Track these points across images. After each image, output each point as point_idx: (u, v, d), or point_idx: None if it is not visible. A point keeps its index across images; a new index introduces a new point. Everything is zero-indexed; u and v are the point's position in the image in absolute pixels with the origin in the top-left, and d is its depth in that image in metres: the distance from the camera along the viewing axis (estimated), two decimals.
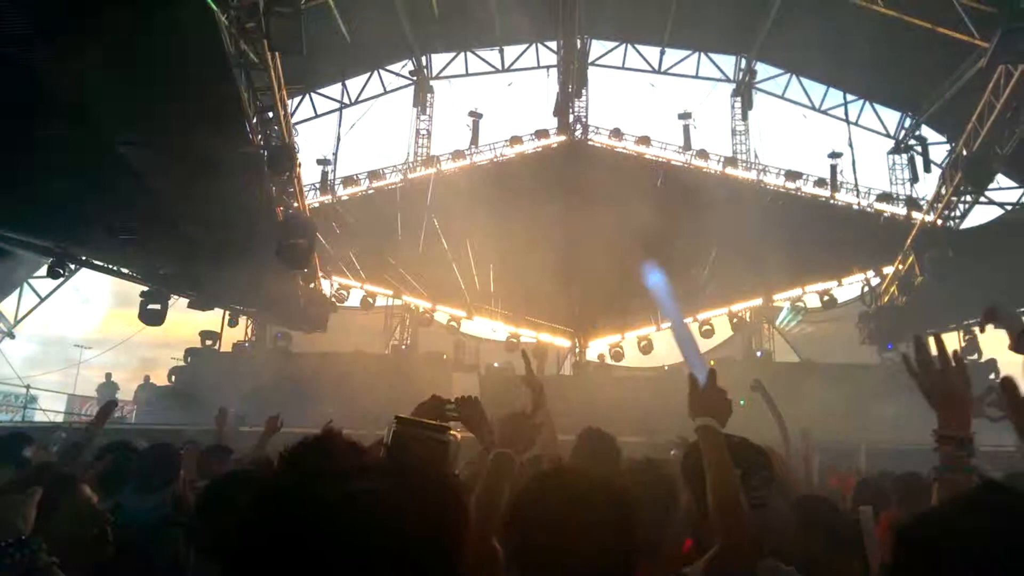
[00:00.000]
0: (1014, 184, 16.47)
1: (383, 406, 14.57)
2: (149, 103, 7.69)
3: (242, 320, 19.16)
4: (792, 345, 22.28)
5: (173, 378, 17.61)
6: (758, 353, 21.19)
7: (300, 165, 11.14)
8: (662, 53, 21.13)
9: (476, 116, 20.92)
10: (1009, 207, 16.26)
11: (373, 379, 15.83)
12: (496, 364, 19.07)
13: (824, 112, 20.61)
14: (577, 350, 22.81)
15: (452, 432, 2.01)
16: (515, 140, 20.31)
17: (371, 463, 1.01)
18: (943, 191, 12.57)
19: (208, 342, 18.74)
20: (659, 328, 21.84)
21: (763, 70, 20.84)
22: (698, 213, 18.58)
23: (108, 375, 18.77)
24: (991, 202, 15.75)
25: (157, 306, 13.32)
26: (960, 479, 1.66)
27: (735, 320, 21.39)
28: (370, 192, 20.07)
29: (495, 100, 21.82)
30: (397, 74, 21.61)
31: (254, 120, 9.32)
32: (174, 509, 3.11)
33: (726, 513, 1.85)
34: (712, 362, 20.04)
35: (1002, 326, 2.60)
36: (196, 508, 2.06)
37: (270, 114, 9.96)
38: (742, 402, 11.69)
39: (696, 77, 21.31)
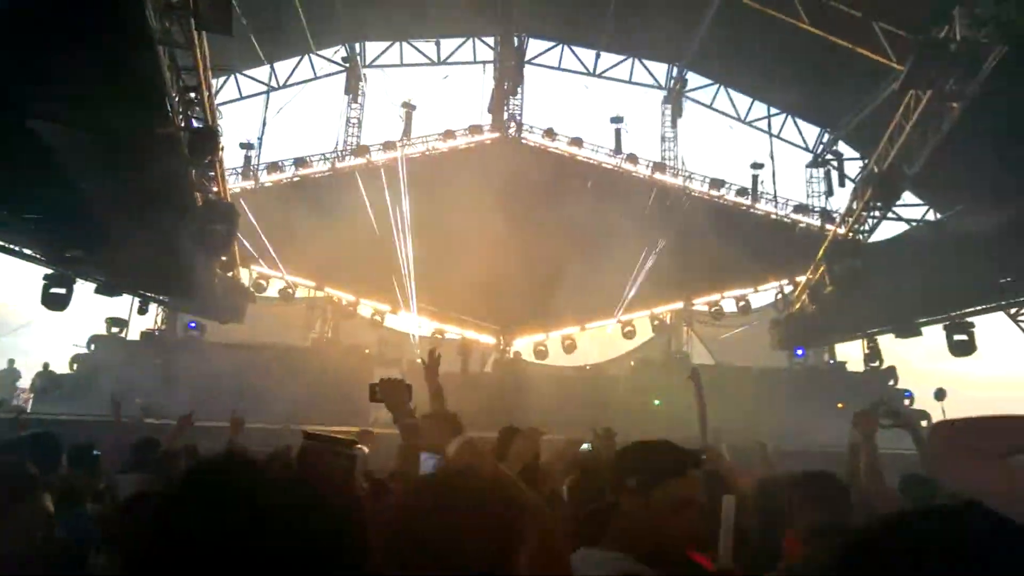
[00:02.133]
0: (920, 202, 17.53)
1: (302, 400, 14.31)
2: (62, 75, 7.18)
3: (152, 307, 18.25)
4: (708, 348, 23.01)
5: (75, 366, 16.63)
6: (677, 355, 21.77)
7: (223, 149, 10.68)
8: (597, 56, 21.39)
9: (410, 108, 20.64)
10: (914, 223, 17.31)
11: (292, 372, 15.42)
12: (418, 360, 18.88)
13: (749, 124, 21.37)
14: (502, 347, 22.88)
15: (359, 446, 2.03)
16: (448, 134, 20.14)
17: (274, 481, 1.02)
18: (854, 205, 13.22)
19: (115, 329, 17.77)
20: (583, 328, 22.18)
21: (694, 79, 21.41)
22: (625, 216, 18.95)
23: (11, 361, 17.54)
24: (899, 218, 16.73)
25: (61, 290, 12.49)
26: None
27: (656, 322, 21.93)
28: (295, 180, 19.49)
29: (430, 93, 21.58)
30: (329, 60, 21.06)
31: (176, 100, 8.85)
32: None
33: None
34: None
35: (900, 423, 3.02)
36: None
37: (193, 95, 9.49)
38: (657, 402, 11.98)
39: (629, 82, 21.69)
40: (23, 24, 6.40)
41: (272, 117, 19.82)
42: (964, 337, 14.61)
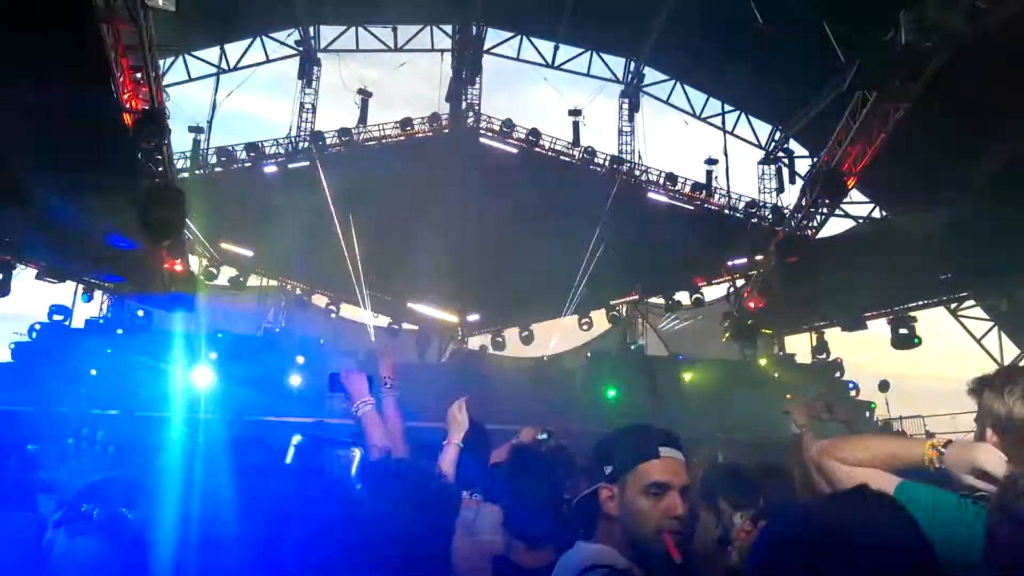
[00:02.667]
0: (866, 199, 18.05)
1: (253, 391, 14.03)
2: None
3: (98, 295, 17.65)
4: (663, 340, 23.36)
5: (14, 356, 15.96)
6: (631, 346, 22.05)
7: (169, 131, 10.32)
8: (556, 48, 21.38)
9: (366, 95, 20.31)
10: (861, 219, 17.82)
11: (242, 362, 15.10)
12: (374, 350, 18.71)
13: (704, 120, 21.64)
14: (459, 338, 22.85)
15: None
16: (406, 122, 19.89)
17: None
18: (803, 202, 13.54)
19: (58, 317, 17.12)
20: (540, 319, 22.29)
21: (651, 75, 21.59)
22: (583, 208, 19.08)
23: None
24: (846, 215, 17.19)
25: (1, 275, 11.99)
26: None
27: (612, 314, 22.16)
28: (247, 165, 19.01)
29: (386, 80, 21.26)
30: (282, 43, 20.56)
31: (120, 79, 8.51)
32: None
33: None
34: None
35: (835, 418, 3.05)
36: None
37: (139, 75, 9.14)
38: (612, 392, 12.10)
39: (587, 75, 21.74)
40: None
41: (222, 100, 19.24)
42: (906, 331, 15.14)
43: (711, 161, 20.62)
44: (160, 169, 9.86)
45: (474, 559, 2.33)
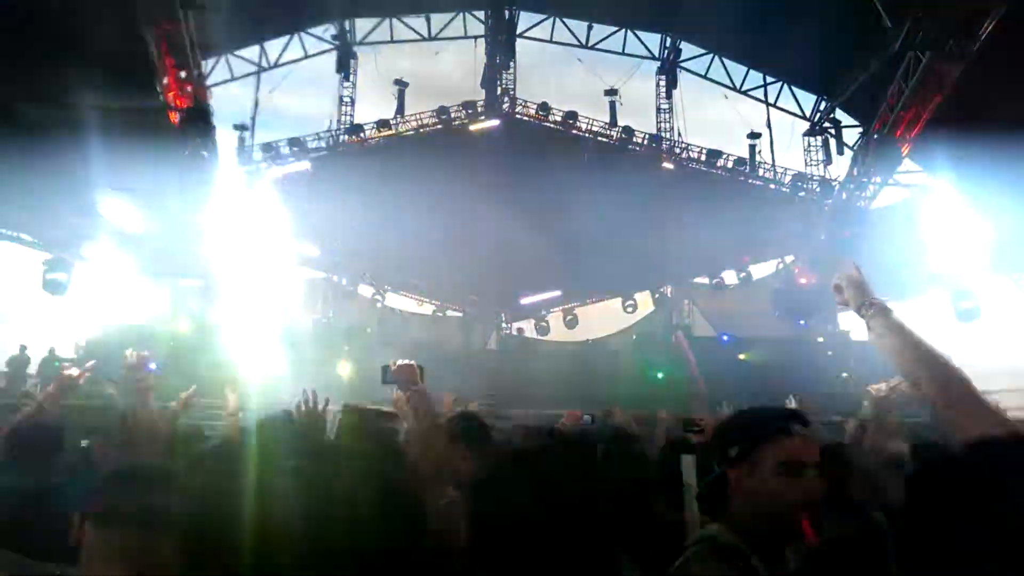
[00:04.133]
0: (919, 168, 17.40)
1: (304, 381, 14.33)
2: (54, 64, 7.07)
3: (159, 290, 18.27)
4: (709, 320, 23.06)
5: (80, 351, 16.63)
6: (677, 327, 21.81)
7: (215, 128, 10.54)
8: (589, 28, 21.12)
9: (402, 85, 20.41)
10: (914, 188, 17.19)
11: (294, 353, 15.40)
12: (422, 338, 18.94)
13: (744, 93, 21.15)
14: (503, 324, 22.93)
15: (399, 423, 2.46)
16: (442, 111, 19.93)
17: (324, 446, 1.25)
18: (855, 171, 13.13)
19: (123, 312, 17.74)
20: (583, 304, 22.21)
21: (687, 49, 21.15)
22: (623, 190, 18.84)
23: (23, 347, 17.26)
24: (898, 184, 16.60)
25: (61, 275, 12.43)
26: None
27: (656, 296, 21.96)
28: (291, 160, 19.32)
29: (422, 70, 21.34)
30: (319, 38, 20.79)
31: (165, 79, 8.73)
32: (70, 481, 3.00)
33: None
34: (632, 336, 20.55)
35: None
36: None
37: (183, 74, 9.36)
38: (660, 375, 11.99)
39: (623, 54, 21.43)
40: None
41: (264, 97, 19.60)
42: (968, 303, 14.59)
43: (754, 135, 20.17)
44: (207, 165, 10.08)
45: None
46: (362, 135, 19.43)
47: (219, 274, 14.86)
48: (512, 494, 1.66)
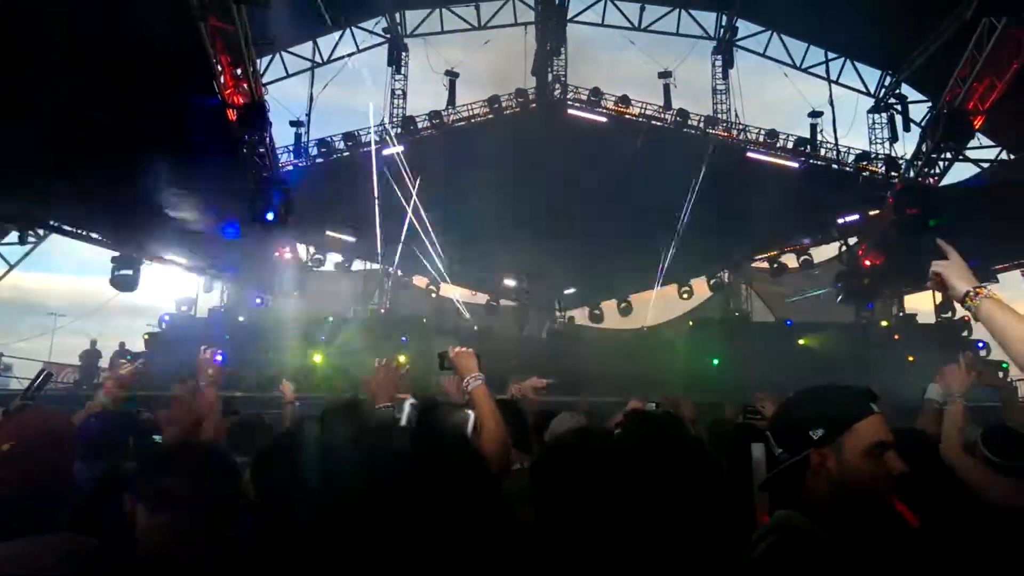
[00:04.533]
0: (991, 143, 16.50)
1: (360, 370, 14.60)
2: (116, 67, 7.33)
3: (218, 285, 18.89)
4: (768, 305, 22.47)
5: (148, 344, 17.33)
6: (736, 313, 21.35)
7: (271, 124, 10.79)
8: (642, 9, 20.74)
9: (453, 76, 20.45)
10: (986, 164, 16.32)
11: (351, 342, 15.72)
12: (476, 327, 19.04)
13: (805, 70, 20.43)
14: (557, 312, 22.83)
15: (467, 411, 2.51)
16: (493, 100, 19.89)
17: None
18: (924, 148, 12.51)
19: (184, 308, 18.46)
20: (638, 291, 21.91)
21: (744, 27, 20.54)
22: (678, 174, 18.47)
23: (93, 341, 18.08)
24: (968, 160, 15.79)
25: (129, 271, 13.00)
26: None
27: (713, 282, 21.50)
28: (346, 155, 19.63)
29: (472, 59, 21.31)
30: (370, 31, 21.02)
31: (221, 76, 8.95)
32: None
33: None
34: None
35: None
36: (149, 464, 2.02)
37: (239, 71, 9.58)
38: (715, 362, 11.81)
39: (676, 34, 20.97)
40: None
41: (318, 93, 19.95)
42: None
43: (815, 114, 19.49)
44: (265, 161, 10.34)
45: None
46: (414, 127, 19.58)
47: (279, 267, 15.30)
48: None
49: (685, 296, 21.56)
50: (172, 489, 1.74)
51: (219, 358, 3.91)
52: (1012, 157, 16.12)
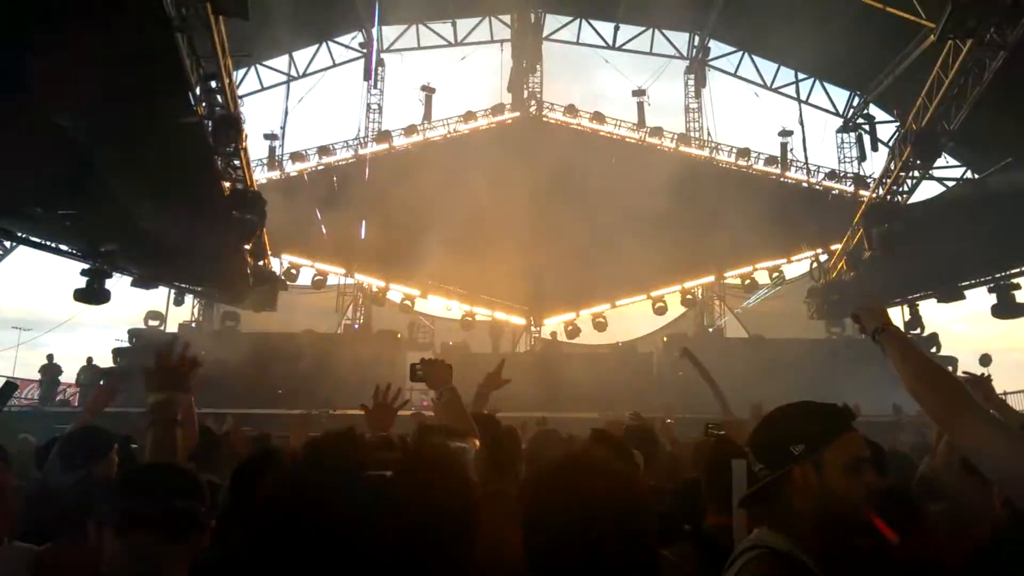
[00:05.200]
0: (957, 163, 16.97)
1: (334, 385, 14.40)
2: (84, 69, 7.18)
3: (188, 299, 18.55)
4: (741, 321, 22.70)
5: (118, 359, 16.92)
6: (709, 329, 21.53)
7: (246, 137, 10.67)
8: (616, 29, 21.02)
9: (429, 91, 20.50)
10: (951, 183, 16.76)
11: (324, 359, 15.51)
12: (451, 343, 18.91)
13: (775, 90, 20.86)
14: (532, 328, 22.82)
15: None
16: (469, 116, 19.98)
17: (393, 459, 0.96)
18: (892, 166, 12.80)
19: (153, 322, 18.08)
20: (613, 306, 21.98)
21: (716, 47, 20.96)
22: (651, 190, 18.66)
23: (50, 356, 17.67)
24: (936, 179, 16.21)
25: (96, 284, 12.68)
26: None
27: (687, 297, 21.67)
28: (320, 168, 19.51)
29: (448, 75, 21.40)
30: (347, 46, 21.01)
31: (197, 89, 8.84)
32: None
33: None
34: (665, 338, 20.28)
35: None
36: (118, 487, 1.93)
37: (213, 83, 9.48)
38: (680, 373, 11.73)
39: (650, 54, 21.30)
40: (38, 15, 6.44)
41: (293, 107, 19.85)
42: (1010, 298, 14.19)
43: (785, 133, 19.90)
44: (239, 173, 10.21)
45: None
46: (390, 141, 19.56)
47: (251, 281, 15.06)
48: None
49: (659, 312, 21.68)
50: (137, 508, 1.65)
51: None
52: (976, 176, 16.60)
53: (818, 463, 1.71)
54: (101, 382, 15.08)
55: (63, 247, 11.97)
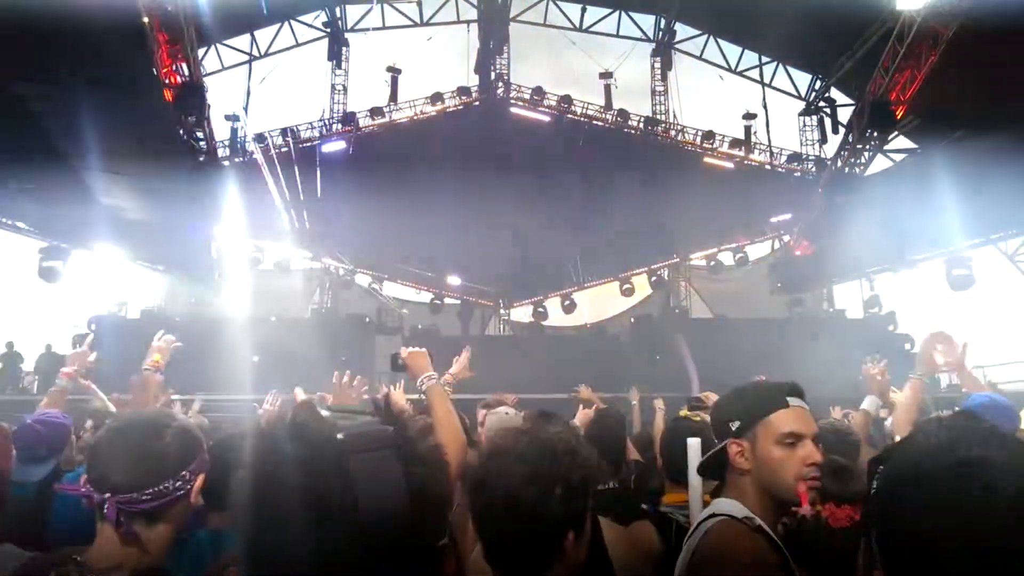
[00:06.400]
0: (914, 145, 17.36)
1: (304, 370, 14.28)
2: (44, 38, 6.95)
3: (153, 283, 18.20)
4: (707, 302, 23.06)
5: (77, 346, 16.49)
6: (675, 310, 21.83)
7: (210, 107, 10.38)
8: (583, 11, 20.99)
9: (395, 72, 20.23)
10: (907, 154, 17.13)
11: (293, 343, 15.36)
12: (420, 326, 18.87)
13: (740, 73, 21.06)
14: (501, 311, 22.92)
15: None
16: (436, 97, 19.80)
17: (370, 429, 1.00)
18: (850, 138, 13.08)
19: (114, 309, 17.68)
20: (580, 288, 22.16)
21: (682, 31, 21.03)
22: (619, 173, 18.81)
23: (10, 344, 17.05)
24: (887, 152, 16.54)
25: (57, 263, 12.34)
26: None
27: (654, 279, 21.92)
28: (284, 150, 19.17)
29: (414, 56, 21.14)
30: (310, 25, 20.60)
31: (157, 53, 8.59)
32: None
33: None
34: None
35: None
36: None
37: (176, 49, 9.21)
38: (658, 357, 12.01)
39: (617, 36, 21.31)
40: None
41: (256, 87, 19.42)
42: (963, 271, 14.64)
43: (749, 116, 20.13)
44: (202, 145, 9.96)
45: None
46: (354, 123, 19.30)
47: (216, 263, 14.81)
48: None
49: (627, 293, 21.90)
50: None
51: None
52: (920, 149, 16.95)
53: (752, 438, 1.85)
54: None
55: (20, 224, 11.60)
